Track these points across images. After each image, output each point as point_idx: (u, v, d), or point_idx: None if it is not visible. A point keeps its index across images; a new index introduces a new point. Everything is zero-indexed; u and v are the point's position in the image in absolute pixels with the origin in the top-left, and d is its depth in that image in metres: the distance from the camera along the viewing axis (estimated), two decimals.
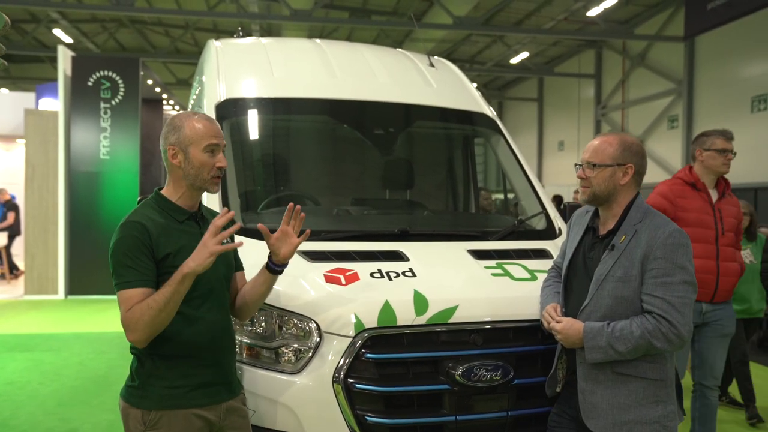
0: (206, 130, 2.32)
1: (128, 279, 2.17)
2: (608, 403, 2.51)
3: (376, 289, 2.80)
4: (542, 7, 19.54)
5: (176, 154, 2.30)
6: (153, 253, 2.20)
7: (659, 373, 2.52)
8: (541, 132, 28.56)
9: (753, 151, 16.68)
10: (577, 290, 2.67)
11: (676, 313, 2.41)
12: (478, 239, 3.47)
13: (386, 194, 4.50)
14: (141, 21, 22.15)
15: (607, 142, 2.63)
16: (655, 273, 2.45)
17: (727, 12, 14.40)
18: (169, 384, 2.25)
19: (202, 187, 2.34)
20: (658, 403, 2.51)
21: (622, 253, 2.52)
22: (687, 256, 2.48)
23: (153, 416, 2.23)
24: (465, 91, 4.52)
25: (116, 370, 6.68)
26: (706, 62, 18.48)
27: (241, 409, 2.47)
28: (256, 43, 4.70)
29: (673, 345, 2.45)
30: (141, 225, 2.21)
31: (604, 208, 2.67)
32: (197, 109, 4.33)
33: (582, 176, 2.65)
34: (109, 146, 11.67)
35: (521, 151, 4.27)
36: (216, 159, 2.33)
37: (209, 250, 2.13)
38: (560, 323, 2.59)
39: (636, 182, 2.64)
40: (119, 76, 11.68)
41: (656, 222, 2.54)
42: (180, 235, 2.29)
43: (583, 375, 2.57)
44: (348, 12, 20.59)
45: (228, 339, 2.43)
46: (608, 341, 2.45)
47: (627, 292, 2.49)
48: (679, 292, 2.43)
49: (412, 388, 2.70)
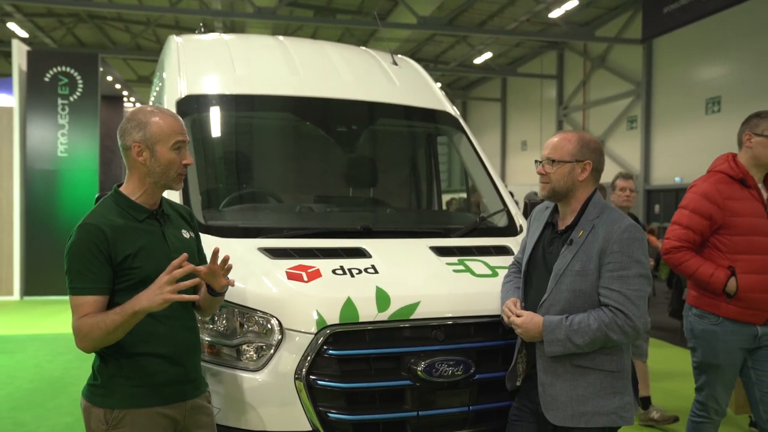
0: (173, 127, 2.27)
1: (80, 285, 2.13)
2: (567, 395, 2.56)
3: (338, 286, 2.80)
4: (505, 9, 19.77)
5: (142, 151, 2.24)
6: (110, 258, 2.15)
7: (616, 365, 2.58)
8: (504, 132, 28.88)
9: (706, 152, 17.11)
10: (537, 285, 2.72)
11: (632, 306, 2.47)
12: (440, 236, 3.49)
13: (349, 192, 4.50)
14: (100, 16, 21.71)
15: (566, 139, 2.69)
16: (611, 267, 2.51)
17: (682, 16, 14.83)
18: (133, 382, 2.22)
19: (166, 184, 2.30)
20: (615, 395, 2.57)
21: (580, 247, 2.57)
22: (642, 250, 2.55)
23: (116, 415, 2.19)
24: (428, 89, 4.54)
25: (73, 372, 6.53)
26: (663, 65, 18.94)
27: (206, 407, 2.44)
28: (217, 40, 4.65)
29: (629, 337, 2.51)
30: (97, 228, 2.15)
31: (563, 204, 2.73)
32: (156, 104, 4.26)
33: (542, 172, 2.71)
34: (67, 143, 11.41)
35: (485, 151, 4.31)
36: (182, 156, 2.29)
37: (163, 297, 2.06)
38: (520, 317, 2.63)
39: (594, 178, 2.70)
40: (77, 72, 11.42)
41: (612, 217, 2.60)
42: (140, 235, 2.24)
43: (543, 368, 2.61)
44: (312, 10, 20.51)
45: (192, 337, 2.40)
46: (566, 334, 2.50)
47: (585, 285, 2.54)
48: (634, 286, 2.49)
49: (374, 384, 2.71)
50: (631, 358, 2.72)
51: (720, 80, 16.74)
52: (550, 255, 2.70)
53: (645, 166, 19.86)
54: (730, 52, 16.34)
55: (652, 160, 19.73)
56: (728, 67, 16.50)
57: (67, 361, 7.00)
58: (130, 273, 2.17)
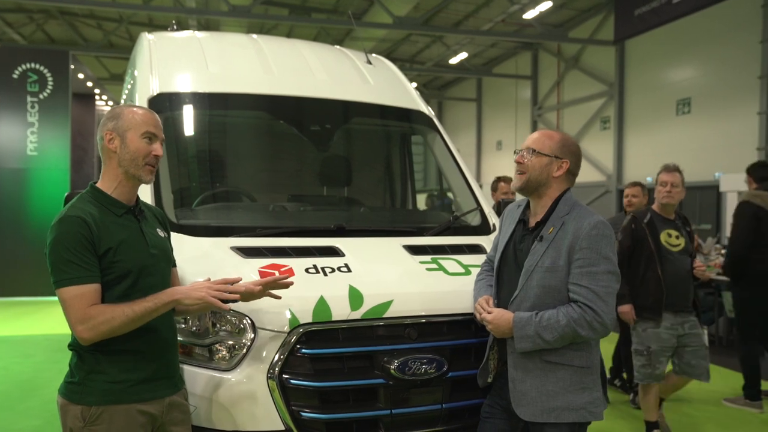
0: (146, 118, 2.33)
1: (75, 275, 2.11)
2: (537, 391, 2.58)
3: (311, 285, 2.79)
4: (480, 9, 19.88)
5: (113, 139, 2.29)
6: (95, 248, 2.15)
7: (585, 361, 2.61)
8: (479, 132, 29.04)
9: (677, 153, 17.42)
10: (508, 281, 2.74)
11: (600, 302, 2.50)
12: (413, 235, 3.51)
13: (323, 190, 4.50)
14: (71, 13, 21.34)
15: (548, 135, 2.74)
16: (580, 263, 2.54)
17: (653, 19, 15.06)
18: (111, 379, 2.21)
19: (135, 174, 2.31)
20: (584, 390, 2.60)
21: (550, 243, 2.60)
22: (610, 247, 2.58)
23: (93, 412, 2.18)
24: (402, 88, 4.56)
25: (43, 374, 6.43)
26: (635, 66, 19.21)
27: (183, 404, 2.45)
28: (190, 37, 4.62)
29: (597, 333, 2.54)
30: (81, 219, 2.15)
31: (534, 199, 2.75)
32: (129, 103, 4.22)
33: (520, 161, 2.73)
34: (37, 142, 11.21)
35: (461, 151, 4.34)
36: (152, 147, 2.32)
37: (203, 294, 2.22)
38: (491, 314, 2.66)
39: (568, 179, 2.73)
40: (47, 69, 11.23)
41: (582, 213, 2.63)
42: (119, 230, 2.25)
43: (514, 364, 2.63)
44: (288, 9, 20.40)
45: (170, 333, 2.41)
46: (536, 330, 2.52)
47: (554, 281, 2.57)
48: (603, 282, 2.52)
49: (348, 382, 2.71)
50: (600, 355, 2.75)
51: (690, 82, 17.03)
52: (521, 252, 2.72)
53: (618, 166, 20.11)
54: (699, 55, 16.63)
55: (625, 160, 19.99)
56: (698, 69, 16.79)
57: (37, 363, 6.89)
58: (111, 266, 2.18)
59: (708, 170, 16.20)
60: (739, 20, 15.34)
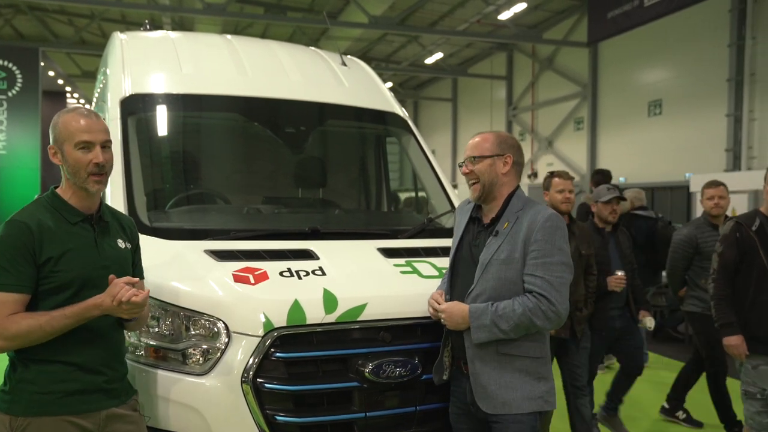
0: (77, 126, 2.21)
1: (3, 281, 2.07)
2: (496, 384, 2.64)
3: (285, 288, 2.79)
4: (456, 9, 19.96)
5: (56, 153, 2.24)
6: (35, 257, 2.11)
7: (540, 352, 2.71)
8: (455, 131, 29.15)
9: (649, 153, 17.72)
10: (464, 276, 2.80)
11: (554, 292, 2.58)
12: (388, 237, 3.52)
13: (298, 193, 4.49)
14: (41, 8, 20.93)
15: (483, 138, 2.82)
16: (535, 254, 2.61)
17: (625, 21, 15.27)
18: (39, 389, 2.16)
19: (81, 186, 2.23)
20: (540, 380, 2.69)
21: (506, 237, 2.67)
22: (564, 239, 2.67)
23: (20, 423, 2.14)
24: (377, 90, 4.57)
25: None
26: (608, 68, 19.46)
27: (129, 415, 2.37)
28: (163, 37, 4.58)
29: (552, 322, 2.61)
30: (25, 225, 2.11)
31: (489, 201, 2.81)
32: (101, 104, 4.17)
33: (466, 172, 2.81)
34: (6, 140, 11.02)
35: (436, 151, 4.36)
36: (91, 156, 2.21)
37: (117, 290, 2.13)
38: (444, 305, 2.72)
39: (516, 172, 2.81)
40: (16, 66, 11.06)
41: (536, 208, 2.73)
42: (69, 238, 2.19)
43: (472, 357, 2.68)
44: (263, 8, 20.28)
45: (112, 347, 2.34)
46: (492, 319, 2.58)
47: (510, 273, 2.64)
48: (557, 272, 2.60)
49: (322, 386, 2.72)
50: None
51: (661, 84, 17.30)
52: (476, 248, 2.78)
53: (591, 166, 20.35)
54: (670, 57, 16.91)
55: (598, 160, 20.24)
56: (669, 71, 17.07)
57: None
58: (51, 276, 2.13)
59: (679, 171, 16.48)
60: (708, 24, 15.64)
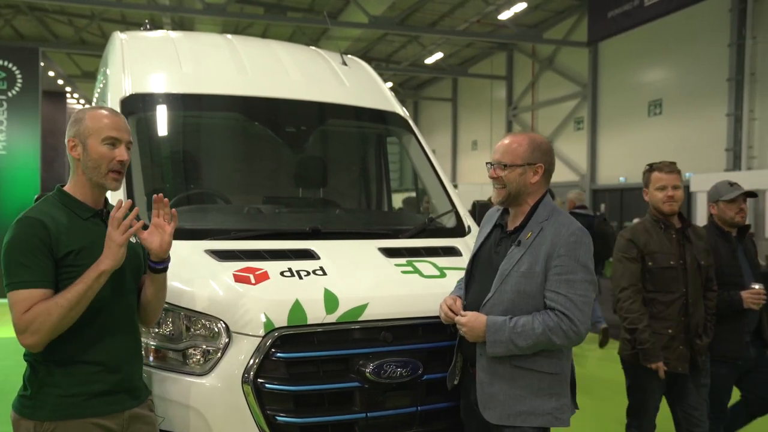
0: (107, 122, 2.25)
1: (25, 279, 2.05)
2: (505, 394, 2.56)
3: (286, 288, 2.78)
4: (456, 9, 19.98)
5: (75, 146, 2.23)
6: (52, 252, 2.09)
7: (555, 368, 2.59)
8: (455, 131, 29.17)
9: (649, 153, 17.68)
10: (480, 283, 2.72)
11: (577, 311, 2.48)
12: (389, 237, 3.51)
13: (299, 192, 4.47)
14: (41, 8, 20.96)
15: (517, 142, 2.67)
16: (558, 270, 2.51)
17: (625, 21, 15.28)
18: (65, 392, 2.14)
19: (98, 182, 2.24)
20: (552, 396, 2.57)
21: (528, 248, 2.57)
22: (588, 255, 2.56)
23: (46, 427, 2.11)
24: (378, 90, 4.55)
25: (13, 378, 6.25)
26: (608, 68, 19.47)
27: (147, 416, 2.37)
28: (164, 37, 4.56)
29: (572, 342, 2.52)
30: (39, 221, 2.10)
31: (513, 206, 2.73)
32: (101, 103, 4.16)
33: (494, 176, 2.69)
34: (6, 141, 10.99)
35: (436, 151, 4.35)
36: (115, 152, 2.24)
37: (116, 242, 2.08)
38: (465, 317, 2.62)
39: (546, 180, 2.70)
40: (16, 67, 11.02)
41: (561, 220, 2.61)
42: (84, 233, 2.19)
43: (483, 367, 2.61)
44: (263, 8, 20.29)
45: (132, 343, 2.34)
46: (510, 336, 2.49)
47: (530, 287, 2.54)
48: (580, 290, 2.50)
49: (323, 386, 2.71)
50: (571, 361, 2.74)
51: (661, 84, 17.31)
52: (497, 255, 2.69)
53: (591, 166, 20.37)
54: (670, 57, 16.92)
55: (598, 160, 20.25)
56: (669, 71, 17.08)
57: (7, 368, 6.75)
58: (72, 270, 2.11)
59: None
60: (708, 24, 15.65)
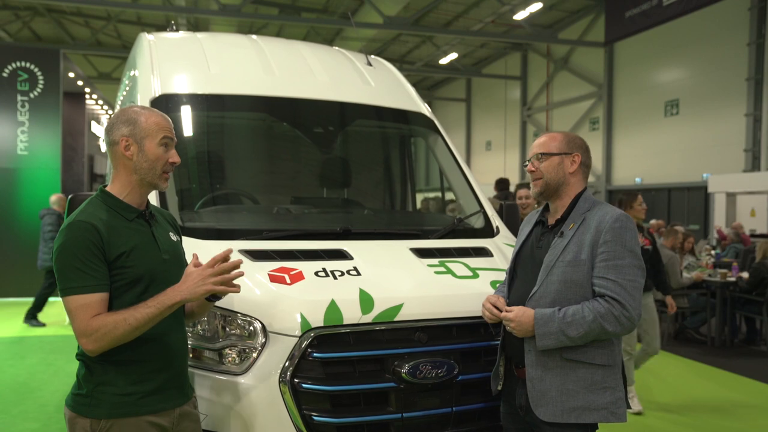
0: (161, 123, 2.28)
1: (82, 284, 2.06)
2: (557, 390, 2.51)
3: (321, 288, 2.79)
4: (470, 10, 19.95)
5: (129, 146, 2.23)
6: (105, 255, 2.11)
7: (608, 359, 2.54)
8: (469, 132, 29.13)
9: (665, 154, 17.59)
10: (524, 279, 2.69)
11: (627, 296, 2.44)
12: (418, 237, 3.51)
13: (326, 193, 4.49)
14: (59, 10, 21.17)
15: (551, 137, 2.73)
16: (605, 256, 2.48)
17: (643, 21, 15.20)
18: (121, 391, 2.16)
19: (152, 182, 2.26)
20: (606, 390, 2.52)
21: (571, 238, 2.55)
22: (635, 240, 2.53)
23: (103, 425, 2.13)
24: (402, 90, 4.56)
25: (38, 377, 6.36)
26: (624, 67, 19.35)
27: (193, 413, 2.40)
28: (190, 38, 4.58)
29: (624, 329, 2.47)
30: (91, 225, 2.10)
31: (554, 200, 2.72)
32: (129, 105, 4.18)
33: (532, 169, 2.71)
34: (28, 141, 11.11)
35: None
36: (169, 154, 2.28)
37: (206, 287, 2.12)
38: (511, 311, 2.57)
39: (584, 174, 2.71)
40: (38, 68, 11.14)
41: (604, 209, 2.60)
42: (131, 234, 2.20)
43: (532, 362, 2.56)
44: (277, 8, 20.35)
45: (180, 341, 2.36)
46: (560, 327, 2.45)
47: (576, 275, 2.51)
48: (629, 275, 2.47)
49: (359, 386, 2.70)
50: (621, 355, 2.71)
51: (678, 83, 17.19)
52: (540, 249, 2.68)
53: (607, 167, 20.26)
54: (687, 57, 16.79)
55: (614, 160, 20.14)
56: (686, 71, 16.95)
57: (31, 365, 6.82)
58: (123, 272, 2.13)
59: (696, 171, 16.35)
60: (727, 23, 15.51)
